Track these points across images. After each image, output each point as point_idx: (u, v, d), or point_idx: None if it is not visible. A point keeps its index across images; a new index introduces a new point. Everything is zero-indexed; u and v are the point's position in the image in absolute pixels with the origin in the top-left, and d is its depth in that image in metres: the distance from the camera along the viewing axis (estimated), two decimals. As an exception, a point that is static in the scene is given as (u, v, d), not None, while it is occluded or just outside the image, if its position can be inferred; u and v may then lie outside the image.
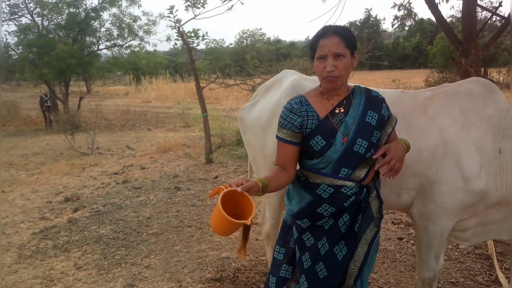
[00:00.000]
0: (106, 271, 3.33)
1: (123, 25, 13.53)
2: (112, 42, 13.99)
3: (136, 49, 15.04)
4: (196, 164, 6.88)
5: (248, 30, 43.67)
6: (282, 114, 1.70)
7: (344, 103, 1.68)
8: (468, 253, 3.34)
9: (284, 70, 2.72)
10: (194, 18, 6.84)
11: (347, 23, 41.26)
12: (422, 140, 2.08)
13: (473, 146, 2.02)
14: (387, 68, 29.64)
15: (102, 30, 13.67)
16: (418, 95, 2.26)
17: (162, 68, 28.54)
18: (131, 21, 13.67)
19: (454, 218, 2.09)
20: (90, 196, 5.41)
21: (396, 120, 1.77)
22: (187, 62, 7.76)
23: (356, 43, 1.66)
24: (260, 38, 41.71)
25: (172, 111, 14.86)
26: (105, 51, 14.49)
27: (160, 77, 25.06)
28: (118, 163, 7.34)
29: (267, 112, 2.49)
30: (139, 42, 14.47)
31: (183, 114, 12.80)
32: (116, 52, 14.72)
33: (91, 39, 13.71)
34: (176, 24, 6.66)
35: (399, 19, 40.50)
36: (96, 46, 13.77)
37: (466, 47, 4.16)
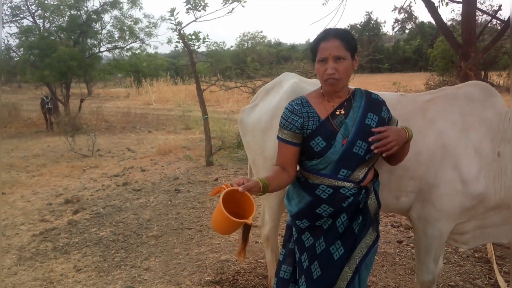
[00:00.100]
0: (105, 273, 3.33)
1: (124, 27, 13.57)
2: (113, 44, 14.04)
3: (137, 51, 15.06)
4: (197, 166, 6.89)
5: (249, 32, 43.83)
6: (283, 115, 1.71)
7: (345, 105, 1.70)
8: (468, 256, 3.33)
9: (284, 73, 2.73)
10: (195, 21, 6.86)
11: (348, 26, 41.38)
12: (421, 143, 2.08)
13: (472, 149, 2.02)
14: (387, 71, 29.74)
15: (104, 32, 13.74)
16: (418, 98, 2.27)
17: (163, 71, 28.58)
18: (132, 23, 13.72)
19: (453, 221, 2.09)
20: (90, 198, 5.42)
21: (397, 122, 1.78)
22: (188, 65, 7.77)
23: (357, 45, 1.68)
24: (261, 40, 41.79)
25: (172, 114, 14.89)
26: (106, 53, 14.57)
27: (161, 79, 25.16)
28: (118, 165, 7.34)
29: (267, 114, 2.49)
30: (140, 44, 14.52)
31: (184, 117, 12.82)
32: (117, 54, 14.77)
33: (92, 41, 13.75)
34: (177, 26, 6.69)
35: (399, 22, 40.60)
36: (97, 48, 13.84)
37: (465, 50, 4.17)
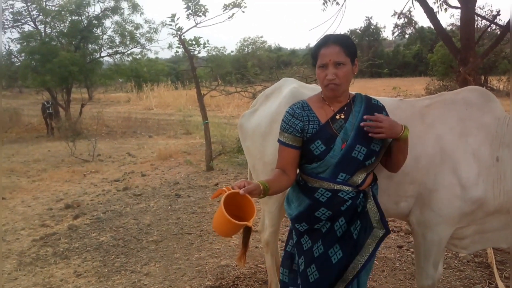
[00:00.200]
0: (105, 279, 3.33)
1: (125, 32, 13.64)
2: (114, 49, 14.11)
3: (138, 56, 15.13)
4: (197, 171, 6.89)
5: (249, 37, 44.00)
6: (284, 118, 1.74)
7: (345, 109, 1.72)
8: (468, 261, 3.33)
9: (283, 78, 2.75)
10: (195, 26, 6.91)
11: (348, 31, 41.54)
12: (420, 148, 2.09)
13: (470, 154, 2.03)
14: (387, 75, 29.81)
15: (104, 37, 13.79)
16: (416, 103, 2.28)
17: (163, 75, 28.68)
18: (133, 28, 13.78)
19: (452, 226, 2.10)
20: (90, 203, 5.42)
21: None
22: (188, 70, 7.79)
23: (357, 51, 1.70)
24: (261, 45, 41.90)
25: (173, 118, 14.91)
26: (107, 58, 14.61)
27: (162, 84, 25.20)
28: (119, 170, 7.35)
29: (266, 119, 2.50)
30: (141, 49, 14.60)
31: (184, 121, 12.83)
32: (118, 60, 14.84)
33: (93, 46, 13.81)
34: (178, 32, 6.73)
35: (399, 27, 40.72)
36: (98, 54, 13.88)
37: (464, 55, 4.19)
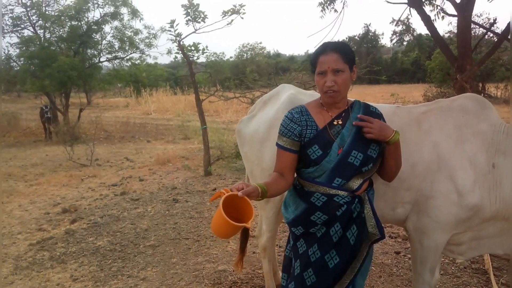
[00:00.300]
0: (102, 283, 3.32)
1: (125, 38, 13.65)
2: (113, 54, 14.09)
3: (137, 61, 15.13)
4: (195, 176, 6.89)
5: (248, 44, 44.18)
6: (283, 122, 1.76)
7: (343, 115, 1.74)
8: (465, 267, 3.34)
9: (281, 85, 2.77)
10: (194, 32, 6.94)
11: (346, 38, 41.77)
12: (417, 155, 2.11)
13: (467, 160, 2.05)
14: (385, 82, 29.93)
15: (104, 42, 13.77)
16: (413, 110, 2.30)
17: (162, 81, 28.73)
18: (132, 34, 13.80)
19: (448, 232, 2.11)
20: (88, 207, 5.41)
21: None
22: (187, 75, 7.82)
23: (355, 58, 1.73)
24: (260, 52, 42.10)
25: (171, 123, 14.92)
26: (106, 63, 14.59)
27: (161, 89, 25.24)
28: (116, 174, 7.34)
29: (264, 125, 2.52)
30: (140, 55, 14.57)
31: (183, 126, 12.84)
32: (117, 65, 14.81)
33: (92, 51, 13.80)
34: (177, 38, 6.76)
35: (397, 34, 40.98)
36: (97, 59, 13.87)
37: (461, 63, 4.22)
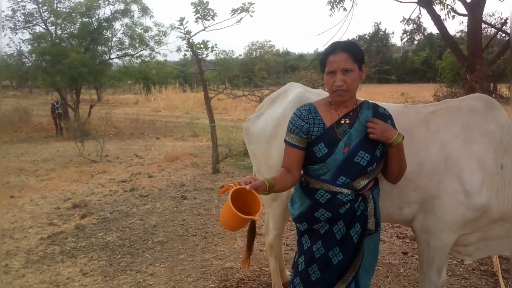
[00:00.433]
0: (111, 278, 3.37)
1: (135, 35, 13.74)
2: (123, 51, 14.19)
3: (146, 59, 15.20)
4: (203, 173, 6.93)
5: (257, 41, 44.04)
6: (291, 119, 1.79)
7: (351, 115, 1.75)
8: (473, 269, 3.32)
9: (289, 83, 2.78)
10: (203, 30, 6.96)
11: (356, 37, 41.53)
12: (424, 154, 2.11)
13: (474, 161, 2.04)
14: (395, 81, 29.68)
15: (114, 39, 13.90)
16: (421, 110, 2.30)
17: (171, 78, 28.81)
18: (142, 31, 13.89)
19: (456, 233, 2.11)
20: (97, 203, 5.48)
21: (402, 137, 1.78)
22: (196, 73, 7.85)
23: (364, 57, 1.74)
24: (269, 50, 41.95)
25: (180, 121, 14.99)
26: (116, 60, 14.72)
27: (170, 86, 25.34)
28: (126, 171, 7.42)
29: (272, 123, 2.54)
30: (150, 52, 14.67)
31: (191, 124, 12.91)
32: (127, 62, 14.92)
33: (103, 48, 13.93)
34: (186, 35, 6.79)
35: (408, 33, 40.60)
36: (108, 55, 13.98)
37: (471, 62, 4.19)
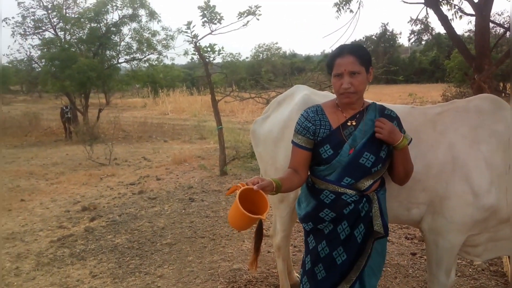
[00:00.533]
0: (120, 280, 3.40)
1: (143, 39, 13.85)
2: (131, 55, 14.30)
3: (154, 62, 15.30)
4: (211, 176, 6.96)
5: (264, 44, 44.15)
6: (299, 121, 1.81)
7: (357, 117, 1.76)
8: (483, 270, 3.29)
9: (296, 85, 2.79)
10: (210, 34, 7.00)
11: (363, 38, 41.37)
12: (432, 156, 2.10)
13: (483, 161, 2.03)
14: (403, 82, 29.51)
15: (122, 44, 14.00)
16: (428, 111, 2.29)
17: (179, 81, 28.99)
18: (150, 35, 13.99)
19: (464, 233, 2.09)
20: (106, 206, 5.53)
21: (410, 140, 1.78)
22: (203, 76, 7.89)
23: (371, 59, 1.75)
24: (276, 52, 42.01)
25: (188, 123, 15.07)
26: (124, 64, 14.81)
27: (177, 90, 25.47)
28: (134, 174, 7.47)
29: (278, 125, 2.55)
30: (158, 56, 14.75)
31: (199, 126, 12.96)
32: (135, 66, 15.03)
33: (111, 52, 14.04)
34: (193, 39, 6.83)
35: (415, 33, 40.38)
36: (116, 60, 14.10)
37: (479, 62, 4.16)
